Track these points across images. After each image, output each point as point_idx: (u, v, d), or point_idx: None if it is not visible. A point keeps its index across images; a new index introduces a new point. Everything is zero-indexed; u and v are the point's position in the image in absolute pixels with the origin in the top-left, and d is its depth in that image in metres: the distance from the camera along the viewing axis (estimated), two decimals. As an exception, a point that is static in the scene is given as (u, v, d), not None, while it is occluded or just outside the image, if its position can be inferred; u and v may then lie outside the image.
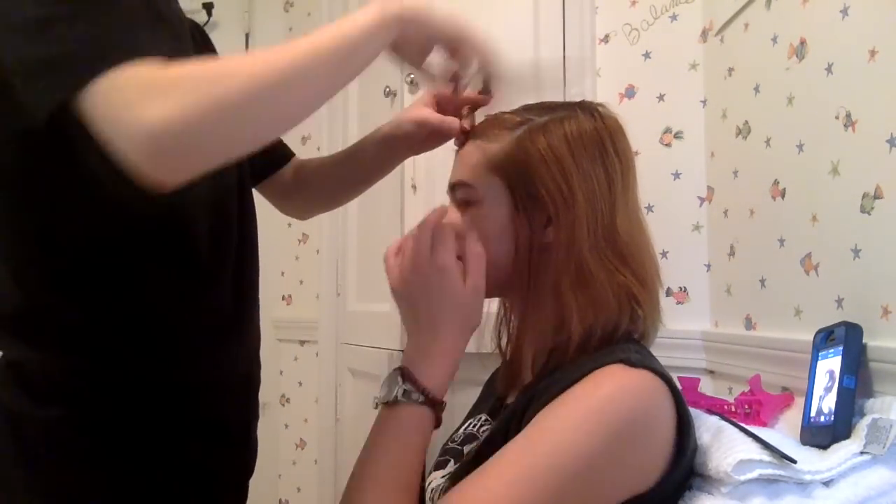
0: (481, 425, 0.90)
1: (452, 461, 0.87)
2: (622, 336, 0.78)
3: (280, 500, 2.28)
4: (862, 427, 0.77)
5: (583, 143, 0.81)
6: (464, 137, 0.89)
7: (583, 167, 0.80)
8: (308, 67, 0.65)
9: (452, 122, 0.91)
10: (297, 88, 0.65)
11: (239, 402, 0.89)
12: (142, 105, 0.59)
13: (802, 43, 1.08)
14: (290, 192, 1.10)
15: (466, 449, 0.87)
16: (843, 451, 0.76)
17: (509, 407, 0.81)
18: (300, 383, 2.25)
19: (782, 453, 0.74)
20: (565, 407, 0.70)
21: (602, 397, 0.69)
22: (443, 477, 0.85)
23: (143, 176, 0.60)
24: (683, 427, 0.73)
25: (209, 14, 2.27)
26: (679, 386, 0.75)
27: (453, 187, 0.87)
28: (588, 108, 0.85)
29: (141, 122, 0.58)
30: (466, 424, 0.93)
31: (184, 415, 0.81)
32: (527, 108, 0.86)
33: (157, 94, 0.59)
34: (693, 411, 0.90)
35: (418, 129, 0.96)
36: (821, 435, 0.82)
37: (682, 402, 0.73)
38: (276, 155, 1.08)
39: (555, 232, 0.80)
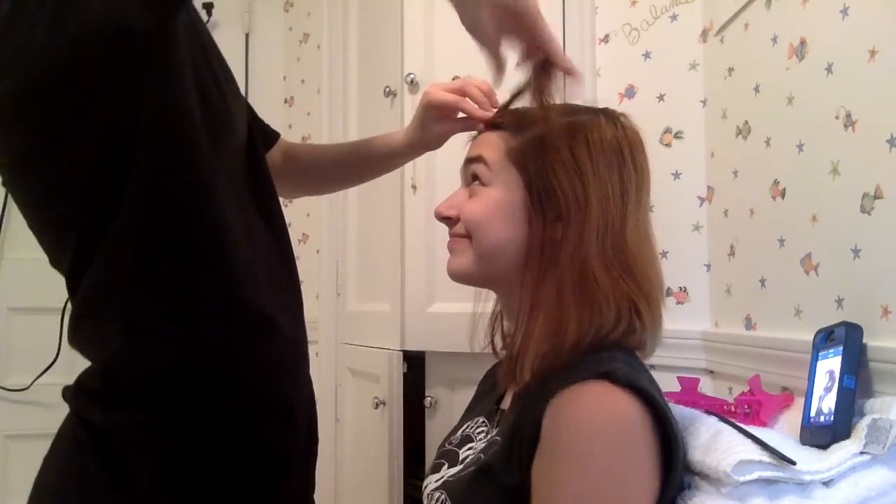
0: (478, 427, 0.90)
1: (447, 464, 0.87)
2: (613, 342, 0.78)
3: (280, 500, 2.28)
4: (862, 427, 0.77)
5: (602, 150, 0.82)
6: (488, 125, 0.91)
7: (599, 172, 0.81)
8: None
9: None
10: None
11: (304, 381, 0.93)
12: None
13: (802, 43, 1.08)
14: (279, 174, 1.09)
15: (462, 452, 0.87)
16: (843, 452, 0.75)
17: (506, 419, 0.81)
18: (300, 383, 2.24)
19: (781, 454, 0.74)
20: (560, 475, 0.69)
21: (586, 444, 0.69)
22: (436, 481, 0.84)
23: None
24: (669, 445, 0.72)
25: (209, 14, 2.29)
26: (662, 400, 0.73)
27: (469, 161, 0.88)
28: (611, 116, 0.86)
29: None
30: (464, 427, 0.93)
31: (255, 401, 0.83)
32: (551, 108, 0.87)
33: None
34: (691, 411, 0.90)
35: (440, 116, 1.01)
36: (821, 435, 0.81)
37: (665, 417, 0.71)
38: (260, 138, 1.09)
39: (564, 229, 0.80)
